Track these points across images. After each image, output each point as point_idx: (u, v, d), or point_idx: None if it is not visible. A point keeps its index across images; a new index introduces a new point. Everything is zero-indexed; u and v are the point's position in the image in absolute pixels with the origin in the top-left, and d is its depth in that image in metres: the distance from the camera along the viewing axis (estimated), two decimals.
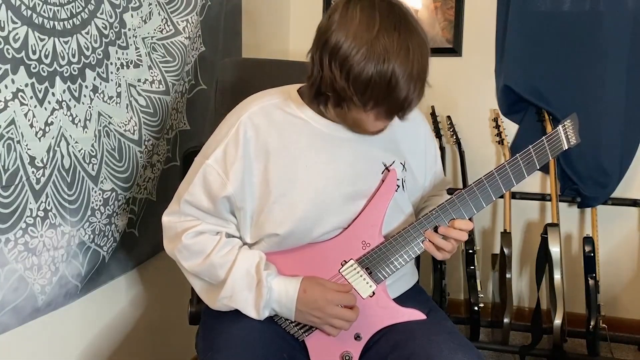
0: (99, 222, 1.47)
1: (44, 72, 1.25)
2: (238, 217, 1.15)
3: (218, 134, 1.15)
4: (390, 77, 0.95)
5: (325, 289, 1.11)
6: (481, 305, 2.28)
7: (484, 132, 2.55)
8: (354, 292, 1.14)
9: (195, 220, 1.15)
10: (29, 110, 1.22)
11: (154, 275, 1.81)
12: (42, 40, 1.24)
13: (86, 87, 1.38)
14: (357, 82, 0.97)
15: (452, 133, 2.47)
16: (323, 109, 1.11)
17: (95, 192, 1.44)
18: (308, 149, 1.12)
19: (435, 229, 1.13)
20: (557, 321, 2.11)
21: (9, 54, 1.16)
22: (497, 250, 2.43)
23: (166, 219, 1.19)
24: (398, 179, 1.17)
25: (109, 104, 1.46)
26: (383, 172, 1.17)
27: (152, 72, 1.60)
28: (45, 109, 1.27)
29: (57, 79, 1.29)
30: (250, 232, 1.15)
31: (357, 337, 1.15)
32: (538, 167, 1.14)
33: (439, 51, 2.52)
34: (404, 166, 1.21)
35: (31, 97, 1.23)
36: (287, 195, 1.11)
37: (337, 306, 1.10)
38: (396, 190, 1.16)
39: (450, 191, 1.27)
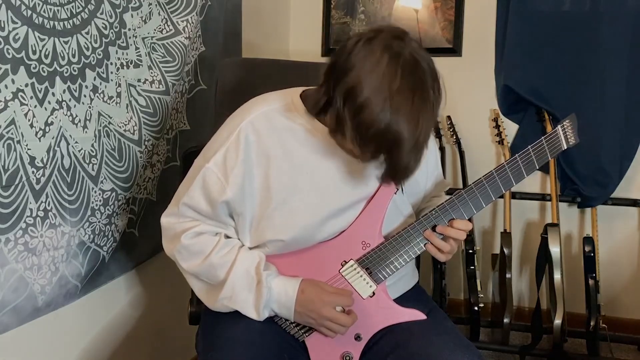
0: (99, 222, 1.47)
1: (44, 72, 1.25)
2: (237, 221, 1.15)
3: (219, 138, 1.14)
4: (394, 142, 0.94)
5: (322, 291, 1.11)
6: (481, 305, 2.28)
7: (484, 132, 2.55)
8: (353, 295, 1.14)
9: (194, 221, 1.15)
10: (29, 110, 1.22)
11: (154, 275, 1.81)
12: (42, 40, 1.24)
13: (86, 87, 1.38)
14: (364, 133, 0.95)
15: (452, 133, 2.47)
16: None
17: (95, 192, 1.44)
18: (309, 155, 1.12)
19: (434, 229, 1.13)
20: (557, 321, 2.11)
21: (9, 54, 1.16)
22: (497, 250, 2.43)
23: (165, 220, 1.19)
24: None
25: (109, 104, 1.46)
26: None
27: (152, 72, 1.60)
28: (45, 109, 1.27)
29: (57, 79, 1.29)
30: (249, 236, 1.15)
31: (358, 338, 1.15)
32: (537, 167, 1.15)
33: (439, 51, 2.52)
34: None
35: (31, 97, 1.23)
36: (288, 202, 1.11)
37: (333, 309, 1.10)
38: (395, 193, 1.16)
39: (450, 191, 1.27)
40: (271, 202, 1.11)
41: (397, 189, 1.17)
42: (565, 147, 1.16)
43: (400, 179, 1.01)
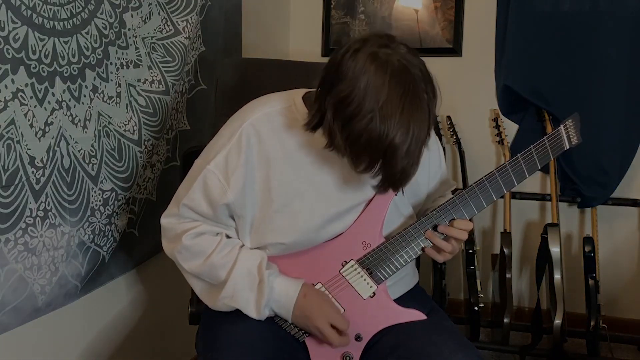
0: (99, 222, 1.47)
1: (43, 72, 1.25)
2: (237, 223, 1.14)
3: (220, 139, 1.13)
4: (386, 150, 0.93)
5: (323, 301, 1.12)
6: (481, 305, 2.28)
7: (484, 132, 2.55)
8: (354, 294, 1.14)
9: (195, 222, 1.15)
10: (29, 110, 1.22)
11: (154, 275, 1.80)
12: (42, 40, 1.24)
13: (86, 87, 1.38)
14: (354, 145, 0.94)
15: (452, 133, 2.47)
16: None
17: (95, 192, 1.44)
18: (310, 158, 1.11)
19: (436, 229, 1.13)
20: (557, 321, 2.11)
21: (9, 54, 1.16)
22: (497, 250, 2.42)
23: (165, 220, 1.18)
24: None
25: (109, 104, 1.46)
26: None
27: (152, 72, 1.60)
28: (45, 109, 1.27)
29: (57, 79, 1.29)
30: (250, 238, 1.14)
31: (358, 338, 1.15)
32: (539, 167, 1.14)
33: (439, 51, 2.52)
34: None
35: (31, 97, 1.22)
36: (289, 205, 1.10)
37: (327, 324, 1.10)
38: (395, 194, 1.16)
39: (453, 191, 1.27)
40: (272, 205, 1.10)
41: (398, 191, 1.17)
42: (568, 147, 1.15)
43: (397, 185, 1.00)
